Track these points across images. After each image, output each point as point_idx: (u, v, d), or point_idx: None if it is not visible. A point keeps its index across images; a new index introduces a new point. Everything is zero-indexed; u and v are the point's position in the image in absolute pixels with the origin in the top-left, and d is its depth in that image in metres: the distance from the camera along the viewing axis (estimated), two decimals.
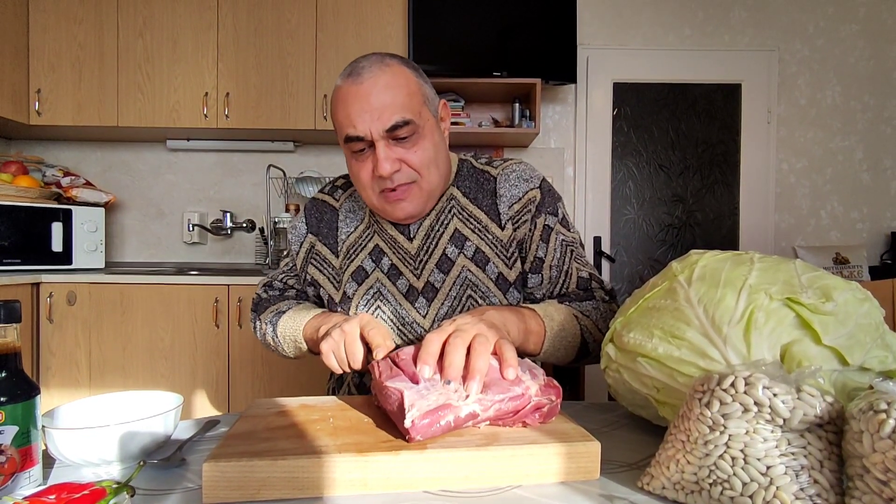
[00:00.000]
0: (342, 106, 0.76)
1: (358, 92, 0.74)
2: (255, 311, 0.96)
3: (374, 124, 0.74)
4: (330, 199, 0.94)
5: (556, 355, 0.78)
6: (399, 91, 0.75)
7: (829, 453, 0.41)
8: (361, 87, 0.74)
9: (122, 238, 2.66)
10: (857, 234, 2.75)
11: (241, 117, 2.34)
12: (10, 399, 0.46)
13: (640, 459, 0.55)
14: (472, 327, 0.59)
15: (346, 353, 0.69)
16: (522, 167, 0.87)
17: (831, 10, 2.71)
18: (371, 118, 0.74)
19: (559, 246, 0.85)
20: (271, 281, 0.98)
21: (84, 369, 2.04)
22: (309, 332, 0.83)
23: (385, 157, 0.75)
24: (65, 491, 0.42)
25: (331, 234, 0.91)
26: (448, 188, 0.87)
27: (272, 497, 0.46)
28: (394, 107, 0.74)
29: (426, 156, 0.78)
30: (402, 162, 0.77)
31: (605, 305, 0.84)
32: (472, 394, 0.52)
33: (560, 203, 0.88)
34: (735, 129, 2.73)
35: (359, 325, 0.69)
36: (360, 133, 0.75)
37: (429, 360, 0.54)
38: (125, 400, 0.62)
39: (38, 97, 2.27)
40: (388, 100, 0.74)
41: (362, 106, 0.74)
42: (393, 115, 0.74)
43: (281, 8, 2.33)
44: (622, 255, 2.75)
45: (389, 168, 0.75)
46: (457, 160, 0.91)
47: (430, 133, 0.79)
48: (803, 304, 0.50)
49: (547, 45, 2.36)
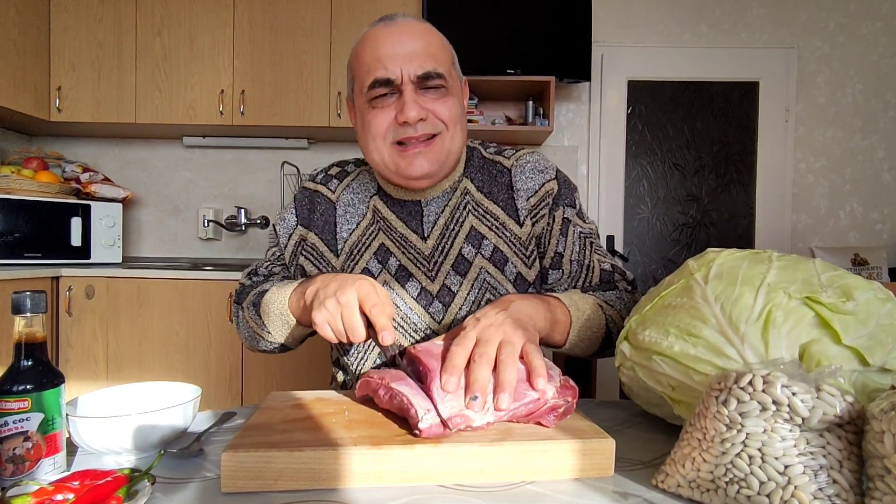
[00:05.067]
0: (371, 47, 0.71)
1: (391, 33, 0.70)
2: (237, 303, 0.86)
3: (406, 66, 0.69)
4: (324, 188, 0.86)
5: (581, 346, 0.75)
6: (433, 40, 0.72)
7: (848, 453, 0.40)
8: (395, 28, 0.70)
9: (138, 233, 2.70)
10: (877, 235, 2.69)
11: (256, 114, 2.36)
12: (36, 387, 0.47)
13: (655, 457, 0.55)
14: (497, 332, 0.57)
15: (345, 327, 0.63)
16: (536, 157, 0.84)
17: (853, 6, 2.65)
18: (403, 61, 0.69)
19: (578, 239, 0.82)
20: (255, 268, 0.89)
21: (101, 362, 2.08)
22: (294, 300, 0.72)
23: (413, 100, 0.70)
24: (88, 477, 0.44)
25: (327, 229, 0.84)
26: (460, 178, 0.83)
27: (289, 487, 0.47)
28: (427, 54, 0.70)
29: (453, 112, 0.74)
30: (429, 111, 0.72)
31: (628, 296, 0.82)
32: (502, 406, 0.52)
33: (576, 194, 0.85)
34: (752, 127, 2.69)
35: (357, 296, 0.62)
36: (389, 75, 0.70)
37: (454, 373, 0.53)
38: (144, 390, 0.63)
39: (58, 94, 2.31)
40: (423, 46, 0.70)
41: (395, 48, 0.69)
42: (425, 63, 0.70)
43: (296, 6, 2.34)
44: (636, 255, 2.73)
45: (416, 113, 0.70)
46: (465, 147, 0.87)
47: (457, 95, 0.76)
48: (823, 303, 0.50)
49: (561, 43, 2.35)
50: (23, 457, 0.47)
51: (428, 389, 0.53)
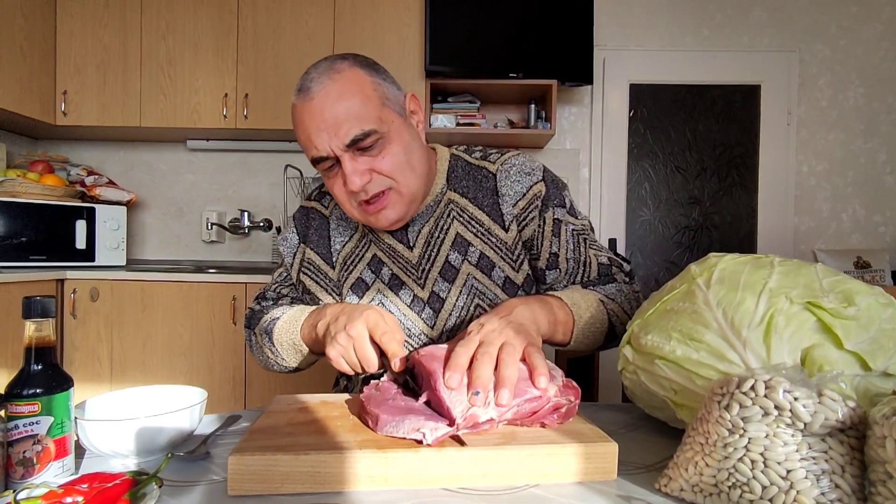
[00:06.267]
0: (300, 127, 0.73)
1: (311, 109, 0.71)
2: (248, 327, 0.89)
3: (332, 141, 0.70)
4: (318, 205, 0.91)
5: (586, 343, 0.76)
6: (353, 100, 0.70)
7: (850, 458, 0.41)
8: (313, 103, 0.70)
9: (142, 236, 2.71)
10: (880, 237, 2.69)
11: (259, 118, 2.37)
12: (46, 391, 0.48)
13: (658, 461, 0.55)
14: (500, 336, 0.58)
15: (359, 359, 0.66)
16: (522, 160, 0.84)
17: (854, 9, 2.66)
18: (329, 136, 0.70)
19: (571, 237, 0.83)
20: (264, 292, 0.92)
21: (106, 364, 2.09)
22: (306, 331, 0.76)
23: (352, 170, 0.72)
24: (97, 480, 0.44)
25: (322, 243, 0.88)
26: (443, 189, 0.84)
27: (294, 490, 0.47)
28: (349, 120, 0.70)
29: (396, 161, 0.74)
30: (371, 171, 0.73)
31: (627, 287, 0.82)
32: (503, 402, 0.53)
33: (566, 191, 0.85)
34: (754, 130, 2.69)
35: (366, 327, 0.65)
36: (321, 153, 0.72)
37: (458, 371, 0.54)
38: (151, 394, 0.64)
39: (64, 98, 2.33)
40: (342, 113, 0.70)
41: (317, 125, 0.70)
42: (351, 129, 0.70)
43: (299, 11, 2.35)
44: (637, 258, 2.73)
45: (359, 182, 0.72)
46: (448, 155, 0.86)
47: (398, 135, 0.75)
48: (824, 308, 0.50)
49: (563, 47, 2.35)
50: (32, 460, 0.47)
51: (434, 390, 0.54)
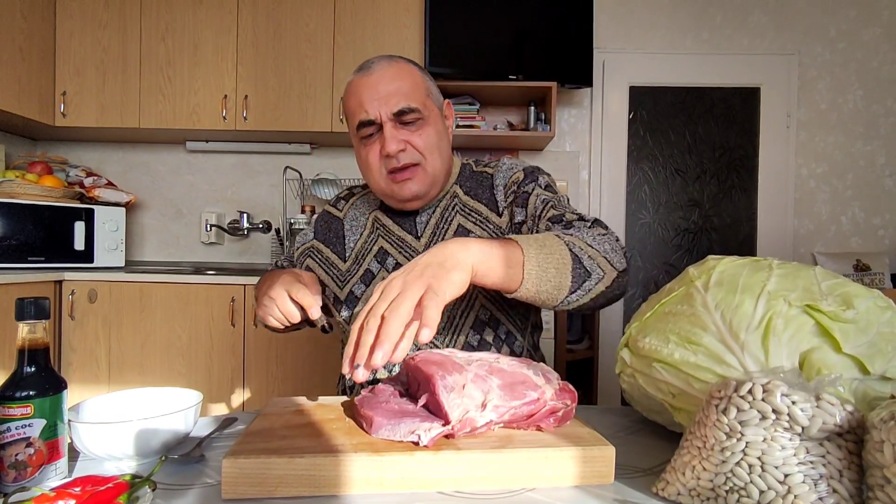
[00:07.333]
0: (354, 95, 0.85)
1: (368, 81, 0.84)
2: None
3: (382, 108, 0.82)
4: (334, 210, 1.03)
5: (550, 281, 0.64)
6: (405, 82, 0.84)
7: (848, 463, 0.40)
8: (371, 77, 0.84)
9: (141, 237, 2.71)
10: (879, 240, 2.69)
11: (259, 119, 2.37)
12: (38, 393, 0.48)
13: (655, 465, 0.55)
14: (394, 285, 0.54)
15: (282, 314, 0.76)
16: (513, 160, 0.95)
17: (854, 13, 2.66)
18: (380, 103, 0.82)
19: (540, 203, 0.83)
20: (275, 262, 1.08)
21: (104, 366, 2.08)
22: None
23: (391, 136, 0.83)
24: (90, 483, 0.44)
25: (338, 242, 0.98)
26: (451, 186, 0.94)
27: (289, 494, 0.47)
28: (399, 94, 0.83)
29: (430, 141, 0.85)
30: (407, 143, 0.84)
31: (586, 226, 0.75)
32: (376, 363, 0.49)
33: (543, 176, 0.89)
34: (753, 133, 2.69)
35: (284, 289, 0.75)
36: (370, 116, 0.83)
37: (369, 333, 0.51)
38: (146, 396, 0.63)
39: (63, 99, 2.33)
40: (395, 88, 0.83)
41: (371, 93, 0.83)
42: (399, 101, 0.82)
43: (299, 12, 2.35)
44: (637, 260, 2.73)
45: (395, 147, 0.82)
46: (459, 163, 0.99)
47: (434, 122, 0.87)
48: (823, 311, 0.50)
49: (563, 49, 2.35)
50: (25, 463, 0.47)
51: (433, 393, 0.53)
